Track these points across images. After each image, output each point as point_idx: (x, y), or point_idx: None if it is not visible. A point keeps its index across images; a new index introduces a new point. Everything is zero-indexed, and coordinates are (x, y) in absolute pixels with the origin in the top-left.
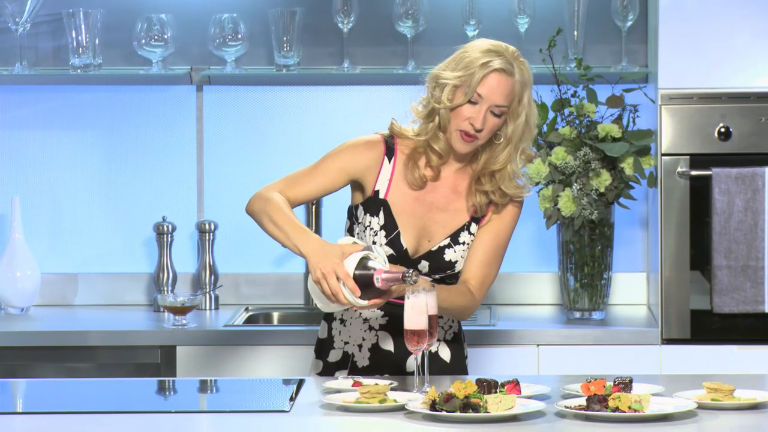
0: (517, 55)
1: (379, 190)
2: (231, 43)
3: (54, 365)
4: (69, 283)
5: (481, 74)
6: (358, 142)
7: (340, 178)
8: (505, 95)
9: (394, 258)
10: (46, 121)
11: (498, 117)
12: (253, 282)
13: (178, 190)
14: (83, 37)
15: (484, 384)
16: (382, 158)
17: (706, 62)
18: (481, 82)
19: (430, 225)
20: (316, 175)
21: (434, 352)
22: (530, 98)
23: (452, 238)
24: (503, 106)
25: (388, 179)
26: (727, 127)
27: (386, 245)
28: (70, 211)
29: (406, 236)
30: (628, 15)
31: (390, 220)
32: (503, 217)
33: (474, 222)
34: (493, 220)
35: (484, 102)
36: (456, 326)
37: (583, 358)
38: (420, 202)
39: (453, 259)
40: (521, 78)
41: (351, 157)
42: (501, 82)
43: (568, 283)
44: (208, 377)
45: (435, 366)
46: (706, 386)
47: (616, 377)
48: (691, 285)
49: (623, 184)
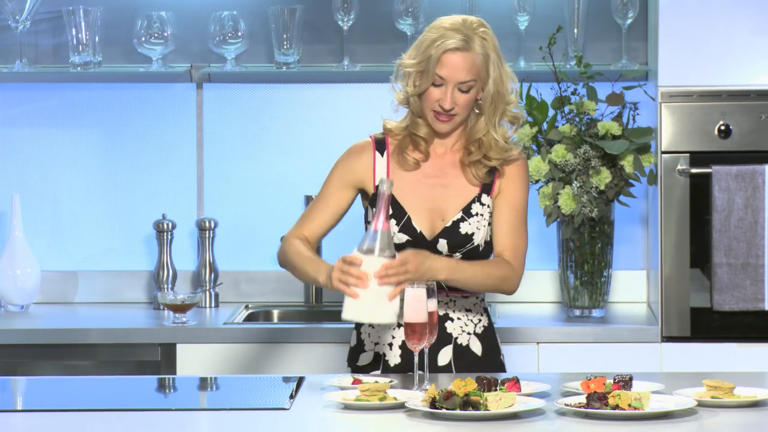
0: (476, 26)
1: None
2: (231, 40)
3: (54, 363)
4: (69, 280)
5: (437, 56)
6: (348, 151)
7: (345, 193)
8: (467, 70)
9: (411, 243)
10: (46, 118)
11: (467, 92)
12: (253, 279)
13: (178, 188)
14: (83, 34)
15: (484, 382)
16: (373, 156)
17: (706, 60)
18: (439, 64)
19: (440, 204)
20: (322, 203)
21: (465, 346)
22: (498, 65)
23: (464, 211)
24: (468, 81)
25: (385, 171)
26: (727, 125)
27: (400, 233)
28: (70, 208)
29: (418, 219)
30: (628, 12)
31: (397, 208)
32: (512, 183)
33: (485, 193)
34: (504, 189)
35: (447, 82)
36: (486, 320)
37: (583, 356)
38: (423, 184)
39: (469, 231)
40: (482, 50)
41: (344, 169)
42: (458, 60)
43: (568, 281)
44: (208, 375)
45: (465, 360)
46: (706, 384)
47: (616, 375)
48: (691, 283)
49: (623, 182)
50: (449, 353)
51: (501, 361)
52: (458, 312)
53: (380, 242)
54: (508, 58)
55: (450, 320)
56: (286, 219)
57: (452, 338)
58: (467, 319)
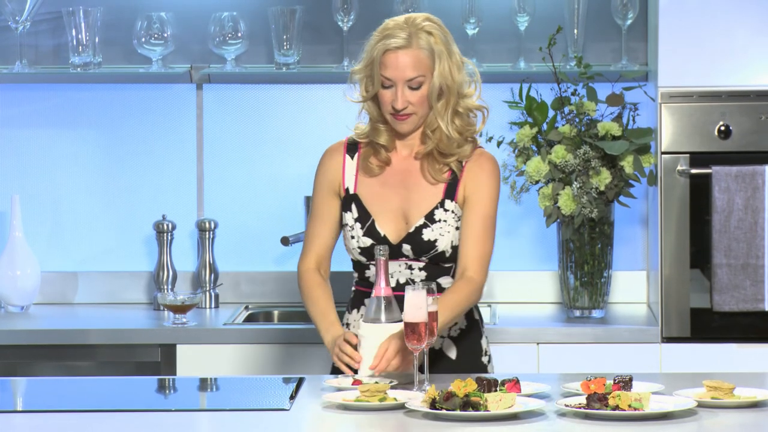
0: (420, 21)
1: (349, 187)
2: (231, 41)
3: (54, 364)
4: (69, 281)
5: (379, 58)
6: (322, 156)
7: (333, 202)
8: (412, 67)
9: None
10: (46, 119)
11: (418, 89)
12: (253, 280)
13: (178, 189)
14: (83, 35)
15: (484, 382)
16: (343, 158)
17: (706, 60)
18: (382, 66)
19: (407, 208)
20: (317, 220)
21: (438, 350)
22: (446, 58)
23: (427, 217)
24: (416, 77)
25: (354, 175)
26: (727, 125)
27: (365, 236)
28: (70, 209)
29: (382, 223)
30: (628, 13)
31: (363, 211)
32: (479, 189)
33: (448, 198)
34: (472, 195)
35: (395, 82)
36: (462, 321)
37: (583, 357)
38: (390, 188)
39: (432, 238)
40: (427, 45)
41: (322, 176)
42: (400, 57)
43: (568, 282)
44: (208, 376)
45: (440, 365)
46: (706, 384)
47: (616, 375)
48: (691, 283)
49: (623, 183)
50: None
51: (482, 364)
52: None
53: (384, 309)
54: (508, 59)
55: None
56: (286, 220)
57: None
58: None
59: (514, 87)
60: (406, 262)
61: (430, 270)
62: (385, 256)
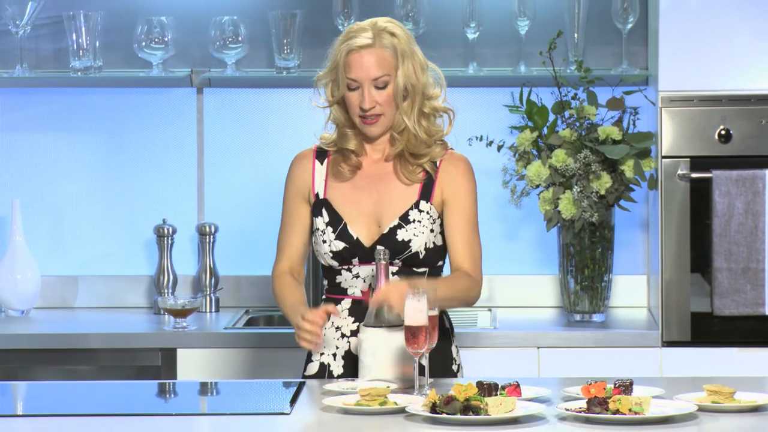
0: (383, 23)
1: (319, 192)
2: (231, 45)
3: (54, 368)
4: (69, 285)
5: (342, 60)
6: (292, 162)
7: (304, 208)
8: (376, 66)
9: (349, 250)
10: (46, 123)
11: (384, 88)
12: (254, 284)
13: (178, 193)
14: (83, 39)
15: (485, 386)
16: (312, 164)
17: (707, 64)
18: (347, 67)
19: (381, 210)
20: (288, 228)
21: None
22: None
23: (402, 218)
24: (381, 77)
25: (323, 180)
26: (727, 130)
27: (336, 240)
28: (70, 213)
29: (355, 226)
30: (629, 17)
31: (333, 215)
32: (458, 191)
33: (423, 200)
34: (451, 199)
35: (361, 82)
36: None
37: (584, 361)
38: (361, 191)
39: (406, 238)
40: (390, 44)
41: (292, 182)
42: (364, 57)
43: (569, 286)
44: (208, 380)
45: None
46: (707, 389)
47: (616, 380)
48: (692, 287)
49: (623, 187)
50: None
51: (452, 372)
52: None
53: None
54: (508, 63)
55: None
56: None
57: None
58: None
59: (514, 91)
60: None
61: (404, 273)
62: (386, 260)
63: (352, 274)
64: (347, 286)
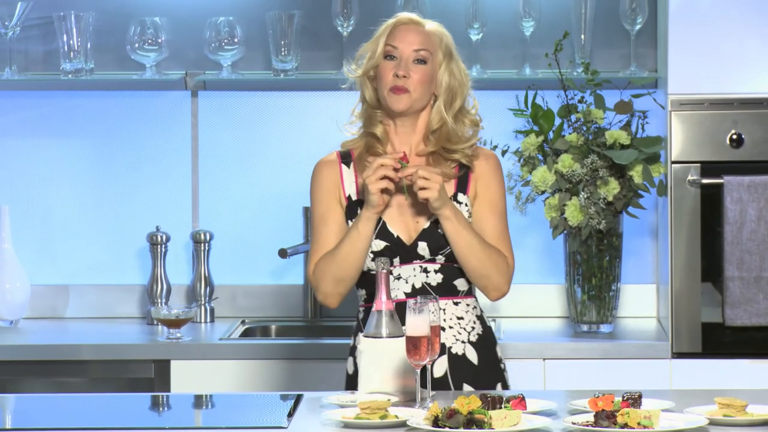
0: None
1: (350, 194)
2: (227, 47)
3: (44, 380)
4: (60, 295)
5: (388, 30)
6: (315, 168)
7: (336, 206)
8: (419, 41)
9: (390, 248)
10: (36, 127)
11: (423, 63)
12: (250, 294)
13: (172, 199)
14: (75, 40)
15: (489, 399)
16: (339, 168)
17: (718, 67)
18: (390, 36)
19: (416, 206)
20: (322, 227)
21: (460, 355)
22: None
23: None
24: (423, 50)
25: (353, 181)
26: (739, 134)
27: (377, 239)
28: (60, 220)
29: (394, 224)
30: (637, 18)
31: None
32: (491, 183)
33: (460, 192)
34: (483, 192)
35: (400, 51)
36: (480, 327)
37: (591, 373)
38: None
39: None
40: (437, 30)
41: (320, 185)
42: (411, 30)
43: (576, 295)
44: (203, 392)
45: (462, 370)
46: (718, 401)
47: (624, 392)
48: (702, 297)
49: (632, 193)
50: (444, 364)
51: (502, 372)
52: (450, 320)
53: (386, 323)
54: (513, 65)
55: (441, 329)
56: (284, 231)
57: (446, 348)
58: (460, 327)
59: (519, 94)
60: (420, 264)
61: (447, 272)
62: (386, 269)
63: (393, 276)
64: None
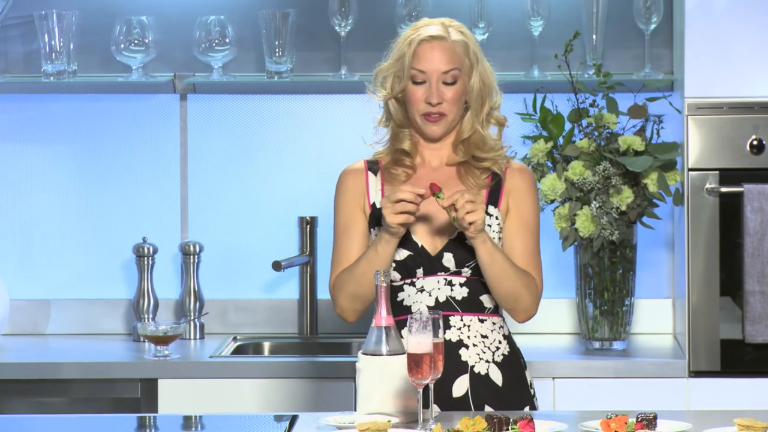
0: (450, 22)
1: (375, 202)
2: (218, 47)
3: (24, 400)
4: (40, 310)
5: (411, 50)
6: (341, 175)
7: (360, 215)
8: (446, 60)
9: (413, 258)
10: (15, 132)
11: (452, 84)
12: (242, 309)
13: (159, 209)
14: (57, 41)
15: (495, 420)
16: (365, 175)
17: (737, 69)
18: (415, 58)
19: (442, 217)
20: (344, 238)
21: (483, 375)
22: (480, 58)
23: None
24: (452, 70)
25: (379, 189)
26: (759, 140)
27: (401, 248)
28: (41, 230)
29: (419, 234)
30: (652, 17)
31: None
32: (525, 199)
33: (491, 204)
34: (516, 207)
35: (428, 75)
36: (507, 347)
37: (603, 392)
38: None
39: None
40: (461, 38)
41: (345, 193)
42: (436, 48)
43: (587, 311)
44: (192, 413)
45: (484, 391)
46: (738, 423)
47: (639, 413)
48: (721, 312)
49: (646, 202)
50: (465, 383)
51: (531, 396)
52: (474, 338)
53: (385, 340)
54: (520, 67)
55: (465, 347)
56: (278, 242)
57: (468, 367)
58: (484, 345)
59: (527, 97)
60: (445, 277)
61: (472, 286)
62: (387, 282)
63: (416, 288)
64: (411, 302)
